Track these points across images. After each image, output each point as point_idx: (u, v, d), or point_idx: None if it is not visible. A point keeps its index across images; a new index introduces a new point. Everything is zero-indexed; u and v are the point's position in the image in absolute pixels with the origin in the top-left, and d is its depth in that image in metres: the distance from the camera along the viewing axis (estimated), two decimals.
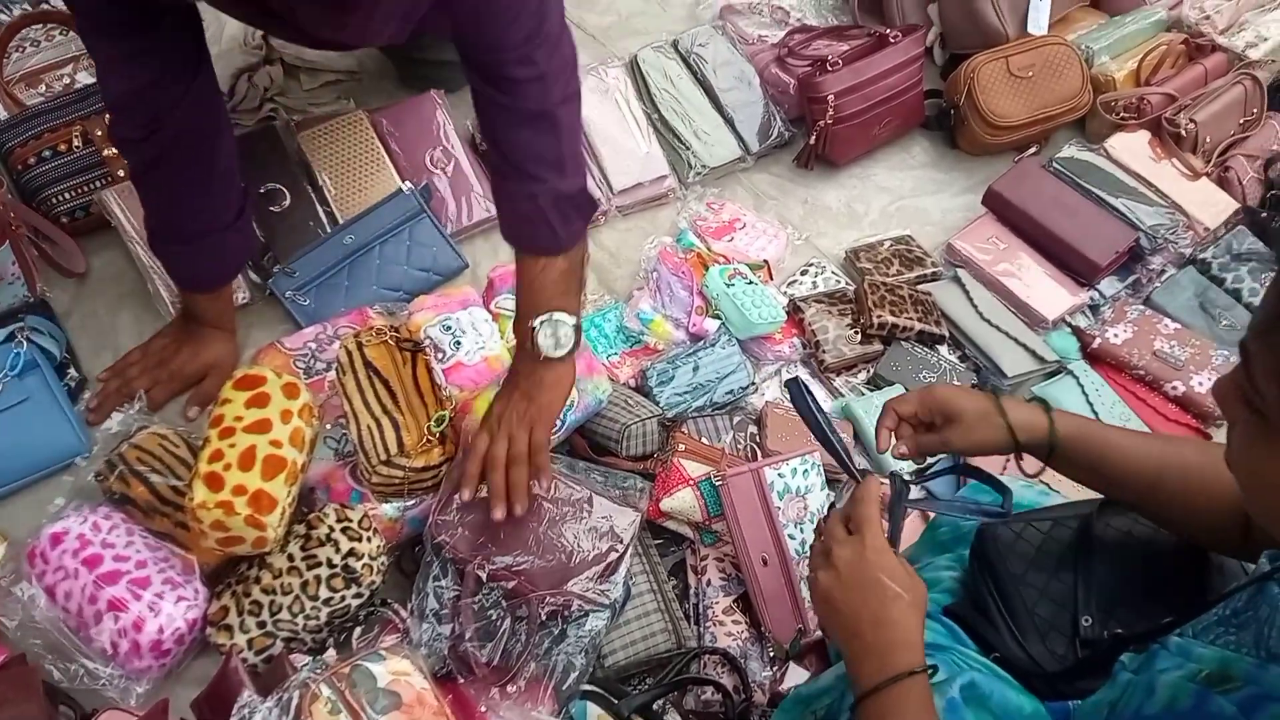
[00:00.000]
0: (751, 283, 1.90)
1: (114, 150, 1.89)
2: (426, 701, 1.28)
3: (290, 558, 1.43)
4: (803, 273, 2.05)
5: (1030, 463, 1.17)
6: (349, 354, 1.57)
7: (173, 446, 1.53)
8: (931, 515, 1.53)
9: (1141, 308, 2.02)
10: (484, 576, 1.41)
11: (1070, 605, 1.10)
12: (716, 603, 1.56)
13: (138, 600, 1.38)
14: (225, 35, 2.11)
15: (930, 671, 0.90)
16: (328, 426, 1.58)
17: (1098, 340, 1.97)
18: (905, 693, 0.88)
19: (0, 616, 1.40)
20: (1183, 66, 2.29)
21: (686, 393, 1.77)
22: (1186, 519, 1.05)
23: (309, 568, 1.42)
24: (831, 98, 2.09)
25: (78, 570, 1.39)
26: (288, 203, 1.90)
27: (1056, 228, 2.04)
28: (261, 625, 1.41)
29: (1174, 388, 1.90)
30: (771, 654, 1.54)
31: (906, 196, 2.25)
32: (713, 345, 1.83)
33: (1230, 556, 1.08)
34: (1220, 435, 1.94)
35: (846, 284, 2.04)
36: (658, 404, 1.73)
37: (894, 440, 1.15)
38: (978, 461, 1.19)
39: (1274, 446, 0.70)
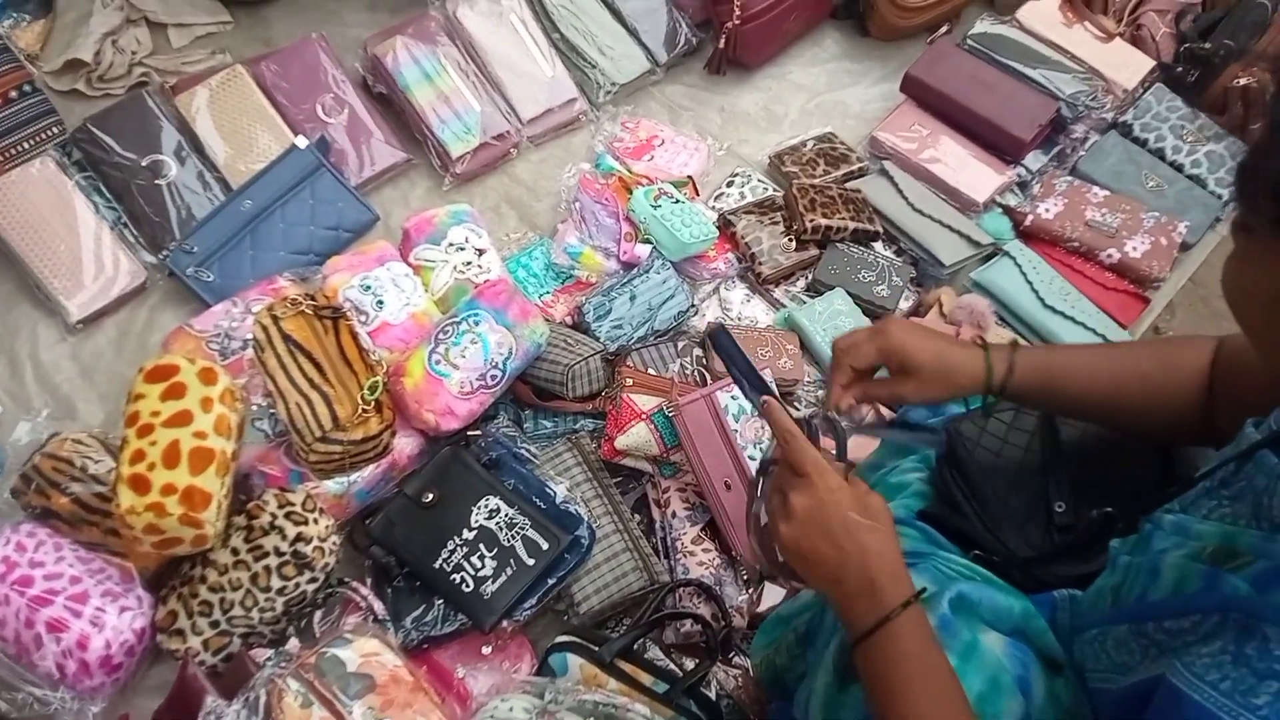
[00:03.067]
0: (678, 201, 1.83)
1: None
2: (401, 679, 1.24)
3: (235, 551, 1.36)
4: (729, 184, 1.99)
5: None
6: (265, 329, 1.48)
7: (90, 450, 1.43)
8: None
9: (1069, 179, 1.99)
10: None
11: (1042, 493, 1.08)
12: (684, 534, 1.53)
13: (78, 617, 1.30)
14: None
15: (919, 594, 0.86)
16: (254, 408, 1.49)
17: (1030, 217, 1.94)
18: (904, 626, 0.84)
19: None
20: None
21: (626, 324, 1.71)
22: (1145, 422, 1.03)
23: (256, 559, 1.35)
24: None
25: (8, 596, 1.30)
26: (173, 173, 1.77)
27: (977, 106, 2.00)
28: (215, 625, 1.34)
29: (1109, 255, 1.90)
30: (745, 577, 1.52)
31: (823, 92, 2.19)
32: (647, 271, 1.77)
33: (1190, 445, 1.07)
34: (1158, 299, 1.94)
35: (774, 191, 1.98)
36: (598, 339, 1.67)
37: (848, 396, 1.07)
38: None
39: (1266, 259, 0.71)
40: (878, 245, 1.92)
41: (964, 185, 1.98)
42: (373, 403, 1.44)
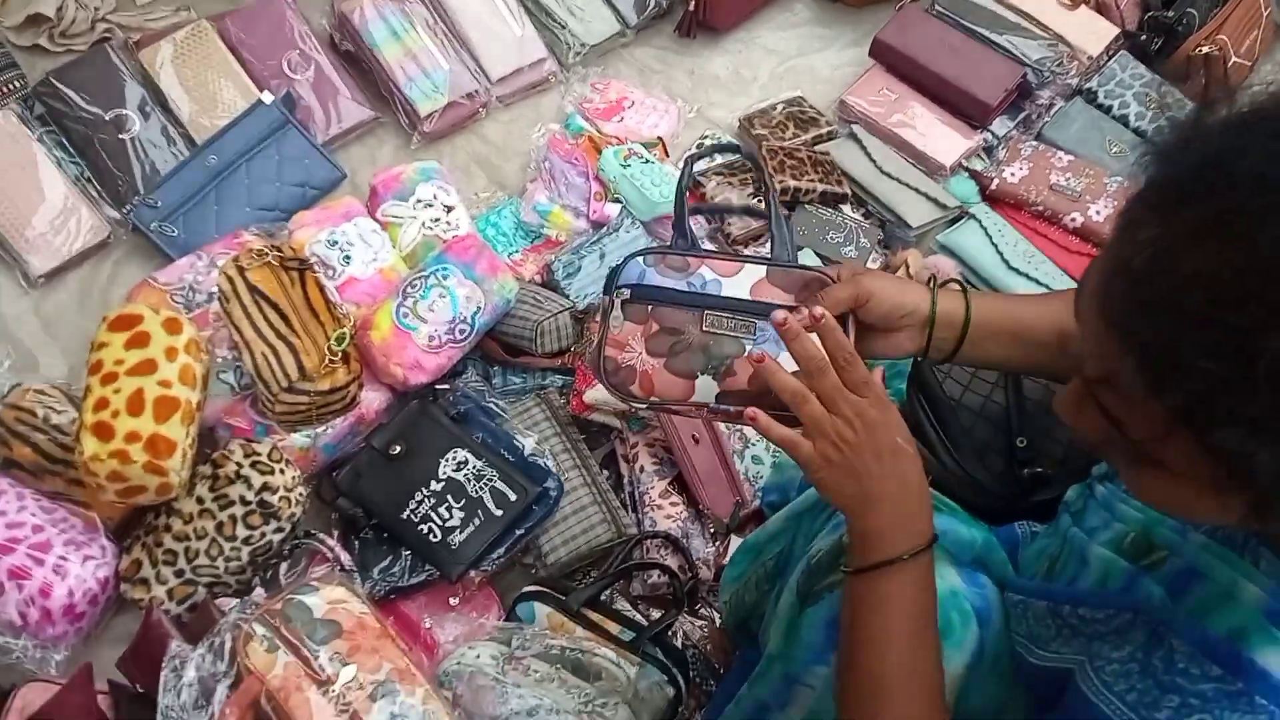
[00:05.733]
0: (648, 161, 1.83)
1: None
2: (368, 625, 1.24)
3: (200, 500, 1.35)
4: (698, 146, 1.99)
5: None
6: (230, 280, 1.47)
7: (52, 401, 1.42)
8: None
9: (1035, 144, 2.01)
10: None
11: (1005, 427, 1.10)
12: (652, 488, 1.54)
13: (40, 565, 1.29)
14: None
15: (934, 540, 0.83)
16: (219, 361, 1.48)
17: (996, 181, 1.96)
18: (912, 569, 0.80)
19: None
20: None
21: (595, 283, 1.71)
22: None
23: (221, 508, 1.35)
24: None
25: None
26: (137, 128, 1.75)
27: (945, 71, 2.01)
28: (179, 574, 1.34)
29: (1073, 219, 1.92)
30: (712, 530, 1.53)
31: (793, 56, 2.19)
32: (617, 230, 1.77)
33: None
34: None
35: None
36: (567, 297, 1.68)
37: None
38: None
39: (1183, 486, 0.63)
40: (846, 207, 1.93)
41: (931, 149, 1.99)
42: (340, 354, 1.44)
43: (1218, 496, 0.59)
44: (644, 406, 0.92)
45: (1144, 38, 2.14)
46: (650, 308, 0.91)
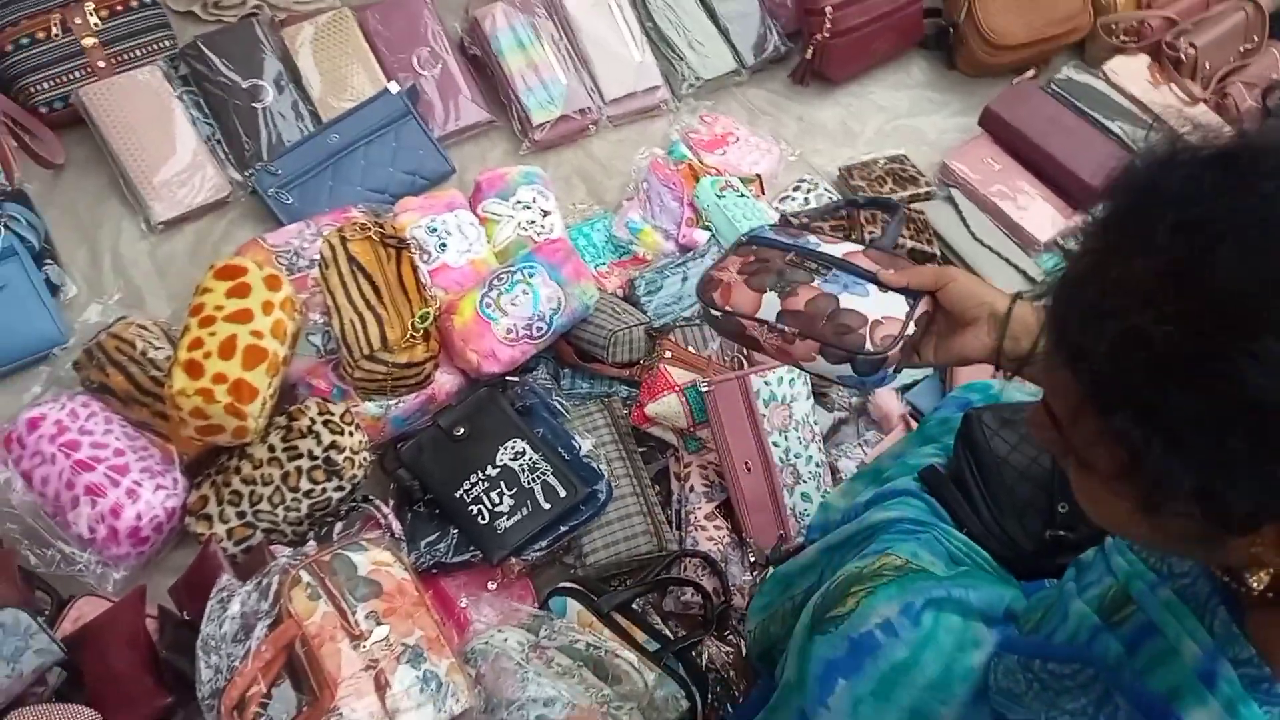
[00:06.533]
0: (743, 195, 1.88)
1: (94, 39, 1.85)
2: (407, 591, 1.28)
3: (271, 448, 1.42)
4: (795, 189, 2.02)
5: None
6: (332, 248, 1.55)
7: (151, 337, 1.50)
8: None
9: None
10: None
11: (1048, 489, 1.09)
12: (699, 508, 1.56)
13: (116, 486, 1.37)
14: None
15: None
16: (310, 323, 1.56)
17: None
18: None
19: None
20: None
21: (674, 303, 1.75)
22: None
23: (290, 459, 1.41)
24: (830, 9, 2.04)
25: (55, 455, 1.38)
26: (270, 99, 1.86)
27: (1052, 149, 2.02)
28: (241, 515, 1.40)
29: None
30: (752, 559, 1.55)
31: (903, 116, 2.22)
32: (702, 256, 1.81)
33: None
34: None
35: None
36: (645, 313, 1.72)
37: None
38: None
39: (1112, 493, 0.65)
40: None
41: (1028, 223, 1.99)
42: (422, 331, 1.50)
43: (1113, 485, 0.62)
44: (719, 316, 1.06)
45: None
46: (755, 246, 1.10)
